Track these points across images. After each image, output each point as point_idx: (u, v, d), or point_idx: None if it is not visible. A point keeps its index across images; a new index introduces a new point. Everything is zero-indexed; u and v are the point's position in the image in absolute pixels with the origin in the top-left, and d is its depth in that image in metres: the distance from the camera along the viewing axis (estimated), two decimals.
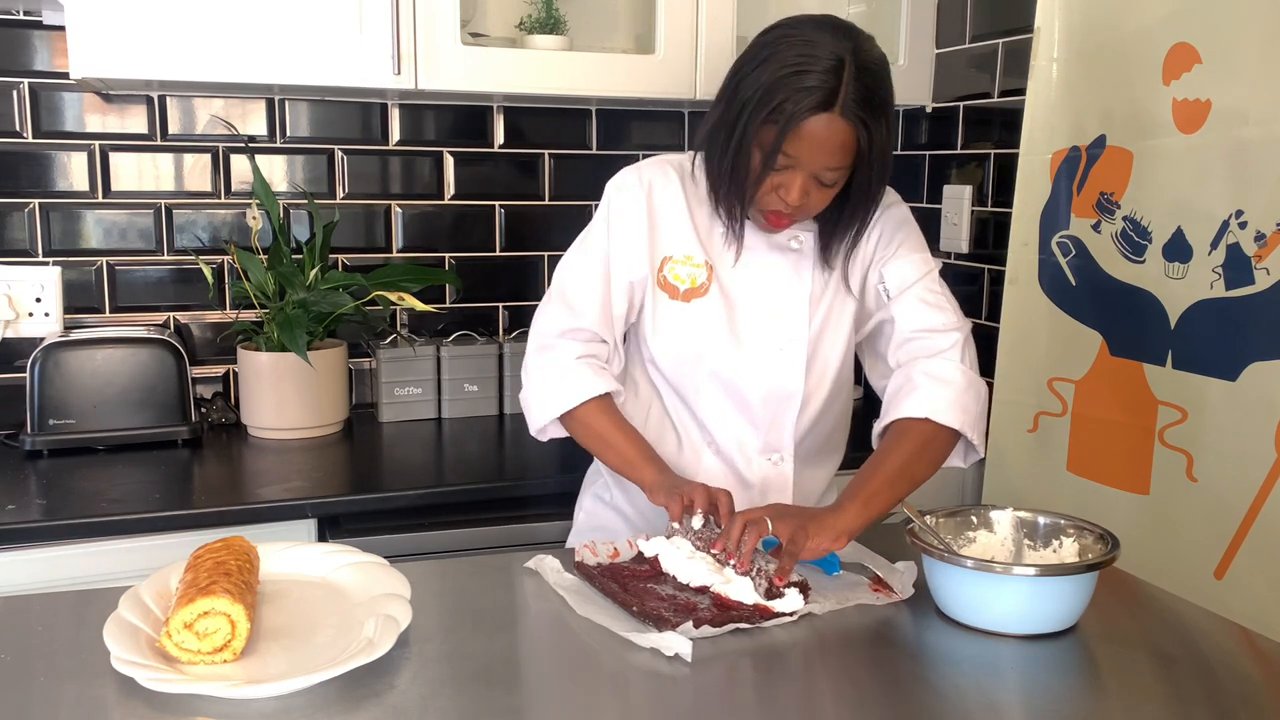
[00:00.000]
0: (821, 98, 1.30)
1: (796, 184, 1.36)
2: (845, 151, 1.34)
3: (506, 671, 1.09)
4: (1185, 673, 1.15)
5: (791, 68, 1.31)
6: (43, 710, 0.99)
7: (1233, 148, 1.58)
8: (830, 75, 1.30)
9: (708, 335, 1.49)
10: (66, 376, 1.96)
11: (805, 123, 1.30)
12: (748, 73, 1.36)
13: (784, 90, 1.31)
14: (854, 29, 1.38)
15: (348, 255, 2.31)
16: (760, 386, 1.51)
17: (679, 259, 1.50)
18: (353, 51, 1.93)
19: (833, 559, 1.31)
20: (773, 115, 1.31)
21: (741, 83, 1.36)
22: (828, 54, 1.31)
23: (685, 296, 1.49)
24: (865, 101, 1.31)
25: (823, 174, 1.35)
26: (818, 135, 1.31)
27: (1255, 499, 1.56)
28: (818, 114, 1.30)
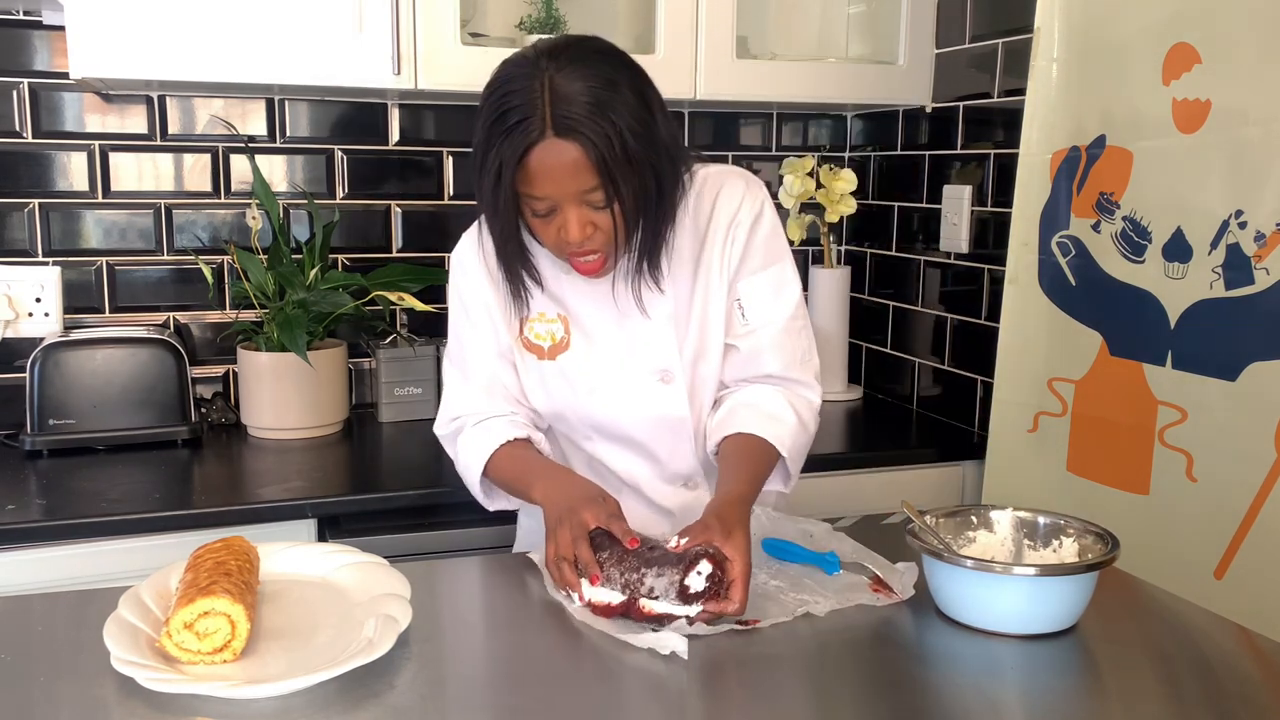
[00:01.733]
0: (525, 130, 1.22)
1: (571, 220, 1.27)
2: (584, 169, 1.24)
3: (506, 671, 1.10)
4: (1185, 673, 1.15)
5: (494, 116, 1.24)
6: (43, 710, 0.99)
7: (1233, 148, 1.58)
8: (528, 104, 1.22)
9: (581, 388, 1.45)
10: (66, 376, 1.96)
11: (526, 162, 1.23)
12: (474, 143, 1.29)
13: (495, 141, 1.24)
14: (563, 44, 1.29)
15: (348, 255, 2.31)
16: (645, 423, 1.46)
17: (534, 317, 1.45)
18: (353, 51, 1.93)
19: (833, 558, 1.31)
20: (501, 173, 1.25)
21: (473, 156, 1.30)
22: (523, 88, 1.23)
23: (550, 354, 1.45)
24: (572, 113, 1.21)
25: (586, 198, 1.27)
26: (544, 165, 1.23)
27: (1255, 499, 1.56)
28: (532, 148, 1.22)
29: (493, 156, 1.25)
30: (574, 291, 1.44)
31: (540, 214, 1.29)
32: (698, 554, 1.16)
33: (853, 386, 2.55)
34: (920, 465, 2.15)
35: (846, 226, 2.67)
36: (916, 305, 2.43)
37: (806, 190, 2.39)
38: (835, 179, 2.38)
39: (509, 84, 1.25)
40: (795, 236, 2.45)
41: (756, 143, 2.58)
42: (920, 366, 2.43)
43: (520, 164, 1.23)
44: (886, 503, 1.53)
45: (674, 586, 1.15)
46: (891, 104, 2.41)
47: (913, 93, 2.34)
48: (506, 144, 1.23)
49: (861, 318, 2.59)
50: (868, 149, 2.60)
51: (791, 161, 2.41)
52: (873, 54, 2.41)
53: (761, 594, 1.25)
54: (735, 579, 1.17)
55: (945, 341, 2.34)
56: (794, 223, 2.45)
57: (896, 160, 2.49)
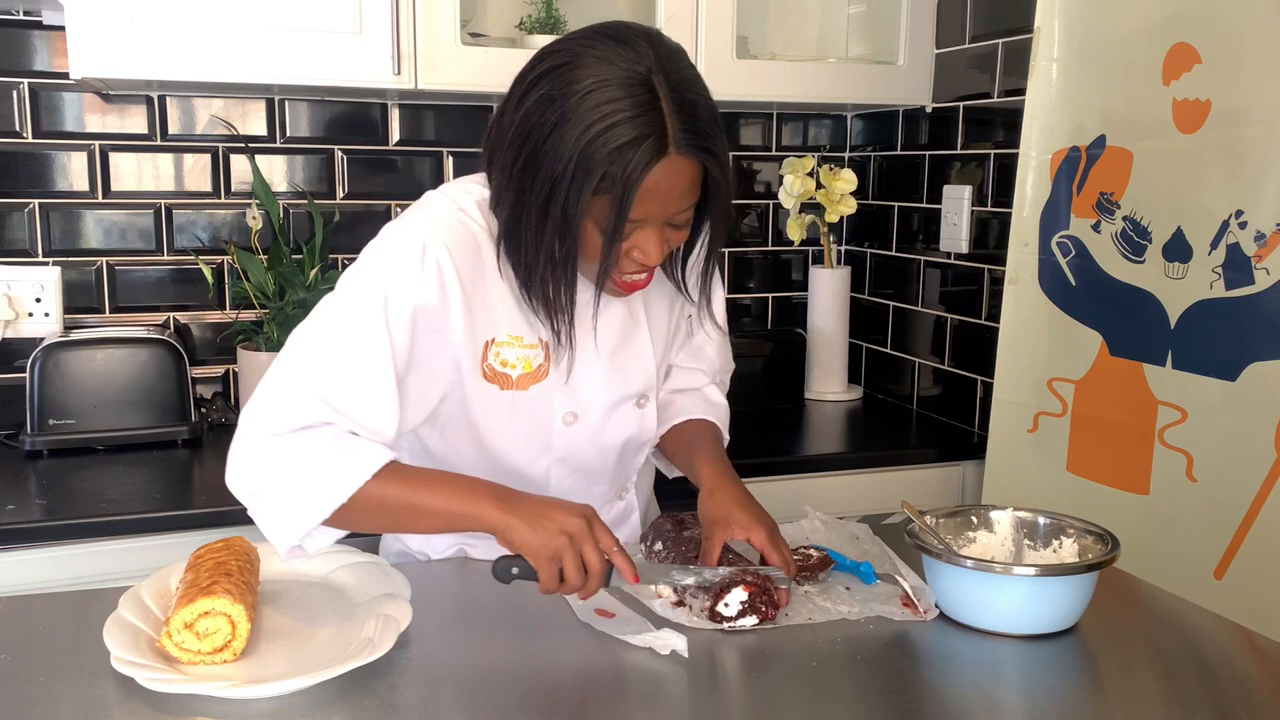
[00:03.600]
0: (652, 145, 1.08)
1: (653, 241, 1.15)
2: (694, 187, 1.14)
3: (506, 672, 1.09)
4: (1185, 673, 1.15)
5: (599, 125, 1.07)
6: (43, 710, 0.99)
7: (1233, 148, 1.58)
8: (647, 113, 1.08)
9: (558, 417, 1.29)
10: (66, 376, 1.96)
11: (645, 179, 1.08)
12: (540, 142, 1.10)
13: (600, 155, 1.07)
14: (643, 34, 1.14)
15: (348, 255, 2.31)
16: (615, 447, 1.37)
17: (505, 340, 1.24)
18: (353, 51, 1.93)
19: (868, 567, 1.31)
20: (601, 186, 1.08)
21: (536, 157, 1.10)
22: (632, 87, 1.08)
23: (521, 383, 1.25)
24: (695, 123, 1.11)
25: (675, 218, 1.16)
26: (662, 186, 1.10)
27: (1255, 499, 1.56)
28: (654, 165, 1.08)
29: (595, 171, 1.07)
30: None
31: (619, 238, 1.12)
32: (732, 581, 1.18)
33: (853, 386, 2.55)
34: (920, 465, 2.15)
35: (846, 226, 2.67)
36: (916, 305, 2.43)
37: (806, 190, 2.39)
38: (835, 179, 2.38)
39: (610, 87, 1.08)
40: (795, 237, 2.46)
41: (756, 143, 2.58)
42: (920, 366, 2.43)
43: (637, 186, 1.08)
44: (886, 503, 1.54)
45: (705, 611, 1.19)
46: (891, 104, 2.41)
47: (913, 93, 2.34)
48: (620, 163, 1.07)
49: (861, 318, 2.59)
50: (868, 149, 2.60)
51: (791, 161, 2.41)
52: (873, 54, 2.41)
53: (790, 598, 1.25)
54: (781, 548, 1.22)
55: (945, 341, 2.34)
56: (794, 223, 2.45)
57: (896, 160, 2.49)
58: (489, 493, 1.14)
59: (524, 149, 1.12)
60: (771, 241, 2.64)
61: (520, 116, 1.13)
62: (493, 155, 1.19)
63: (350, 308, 1.18)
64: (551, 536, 1.09)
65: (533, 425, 1.30)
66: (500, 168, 1.17)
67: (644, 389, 1.36)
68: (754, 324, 2.66)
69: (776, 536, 1.25)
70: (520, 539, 1.10)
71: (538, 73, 1.14)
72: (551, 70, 1.12)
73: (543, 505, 1.12)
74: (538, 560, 1.09)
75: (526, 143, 1.12)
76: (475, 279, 1.21)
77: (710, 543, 1.24)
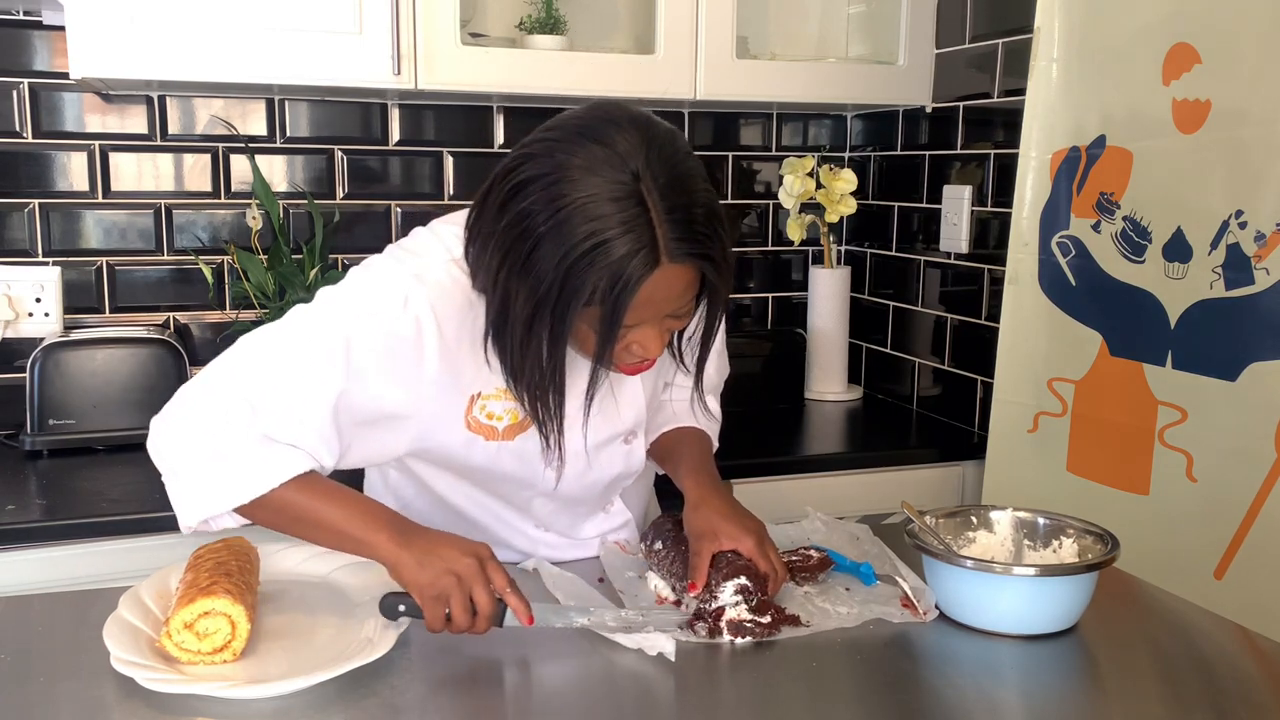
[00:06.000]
0: (643, 261, 1.03)
1: (652, 338, 1.12)
2: (692, 286, 1.10)
3: (505, 672, 1.09)
4: (1185, 673, 1.15)
5: (587, 243, 1.02)
6: (43, 710, 0.99)
7: (1233, 148, 1.58)
8: (637, 227, 1.02)
9: (536, 469, 1.27)
10: (66, 376, 1.96)
11: (638, 295, 1.04)
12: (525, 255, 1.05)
13: (590, 273, 1.02)
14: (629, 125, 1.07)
15: (348, 255, 2.31)
16: (602, 483, 1.36)
17: (491, 394, 1.21)
18: (353, 51, 1.93)
19: (868, 569, 1.31)
20: (592, 299, 1.04)
21: (522, 270, 1.06)
22: (618, 200, 1.02)
23: (507, 434, 1.23)
24: (691, 230, 1.05)
25: (676, 311, 1.12)
26: (657, 296, 1.06)
27: (1255, 499, 1.56)
28: (646, 279, 1.04)
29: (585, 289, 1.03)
30: None
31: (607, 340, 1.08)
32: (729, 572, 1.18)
33: (853, 386, 2.55)
34: (920, 465, 2.15)
35: (846, 226, 2.67)
36: (916, 305, 2.43)
37: (806, 190, 2.39)
38: (835, 179, 2.38)
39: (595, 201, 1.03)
40: (795, 237, 2.46)
41: (756, 143, 2.58)
42: (920, 366, 2.43)
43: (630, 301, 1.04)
44: (886, 503, 1.54)
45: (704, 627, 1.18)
46: (891, 104, 2.41)
47: (913, 93, 2.34)
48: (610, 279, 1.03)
49: (861, 318, 2.59)
50: (868, 149, 2.60)
51: (791, 161, 2.41)
52: (873, 54, 2.41)
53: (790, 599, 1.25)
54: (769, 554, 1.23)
55: (945, 341, 2.34)
56: (794, 223, 2.45)
57: (896, 160, 2.49)
58: (387, 524, 1.12)
59: (508, 259, 1.07)
60: (771, 241, 2.64)
61: (503, 227, 1.08)
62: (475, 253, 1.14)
63: (313, 331, 1.16)
64: (438, 575, 1.08)
65: (519, 471, 1.27)
66: (485, 270, 1.11)
67: (633, 427, 1.34)
68: (754, 324, 2.66)
69: (765, 543, 1.24)
70: (409, 576, 1.09)
71: (517, 181, 1.07)
72: (534, 180, 1.06)
73: (435, 542, 1.11)
74: (423, 599, 1.08)
75: (510, 255, 1.07)
76: (460, 336, 1.17)
77: (698, 558, 1.23)
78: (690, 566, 1.24)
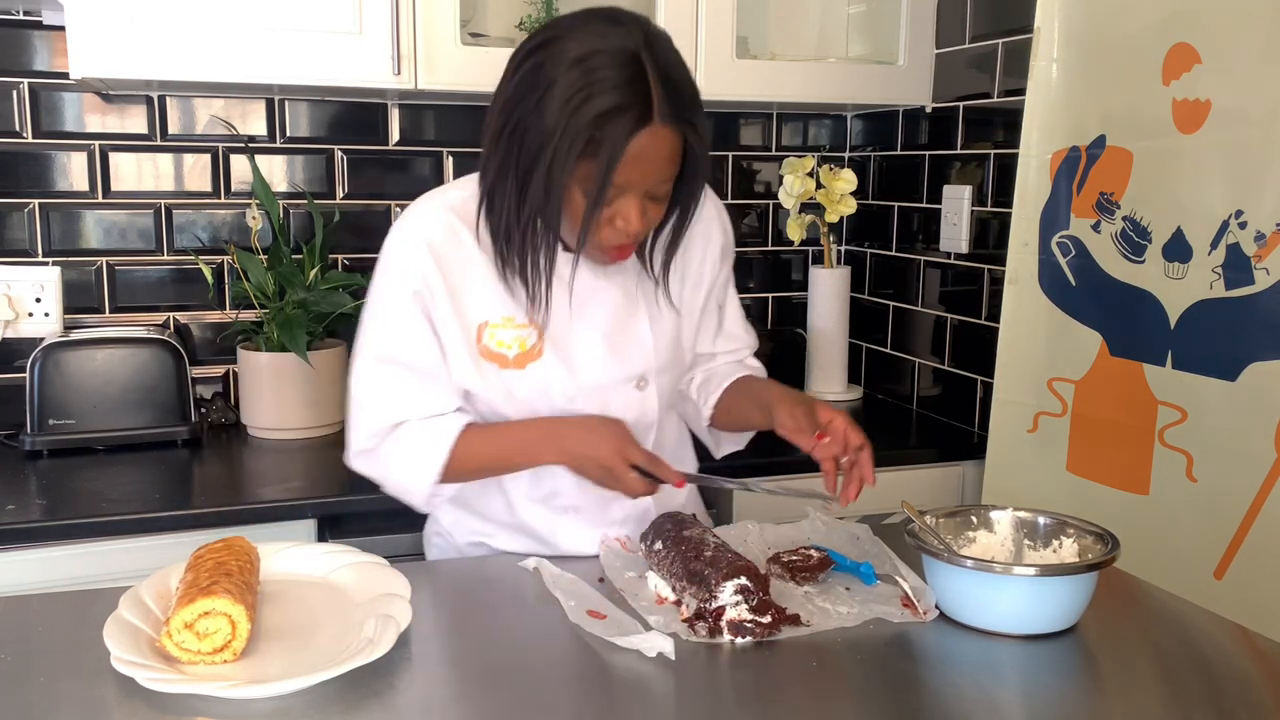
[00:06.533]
0: (636, 114, 1.15)
1: (634, 209, 1.21)
2: (674, 160, 1.22)
3: (505, 672, 1.09)
4: (1185, 673, 1.15)
5: (581, 92, 1.14)
6: (43, 710, 0.99)
7: (1233, 148, 1.58)
8: (633, 85, 1.15)
9: (558, 396, 1.35)
10: (66, 376, 1.96)
11: (629, 146, 1.15)
12: (529, 109, 1.18)
13: (587, 121, 1.14)
14: (633, 18, 1.22)
15: (348, 255, 2.31)
16: None
17: (498, 322, 1.32)
18: (353, 51, 1.93)
19: (868, 568, 1.31)
20: (587, 151, 1.15)
21: (523, 123, 1.18)
22: (619, 59, 1.15)
23: (518, 362, 1.33)
24: (678, 97, 1.18)
25: (655, 189, 1.23)
26: (645, 154, 1.17)
27: (1255, 499, 1.56)
28: (639, 132, 1.15)
29: (582, 135, 1.14)
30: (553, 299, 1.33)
31: (601, 203, 1.19)
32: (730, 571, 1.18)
33: (853, 386, 2.55)
34: (920, 465, 2.15)
35: (846, 226, 2.67)
36: (916, 305, 2.43)
37: (806, 190, 2.39)
38: (835, 179, 2.38)
39: (596, 56, 1.15)
40: (795, 237, 2.46)
41: (756, 143, 2.58)
42: (920, 366, 2.43)
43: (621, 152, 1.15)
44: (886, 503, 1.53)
45: (704, 626, 1.17)
46: (891, 104, 2.41)
47: (913, 93, 2.34)
48: (606, 128, 1.14)
49: (861, 318, 2.59)
50: (868, 149, 2.60)
51: (791, 161, 2.41)
52: (873, 54, 2.41)
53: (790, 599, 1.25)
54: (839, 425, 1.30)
55: (945, 341, 2.34)
56: (794, 223, 2.45)
57: (896, 160, 2.49)
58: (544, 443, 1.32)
59: (513, 115, 1.20)
60: (771, 241, 2.64)
61: (511, 86, 1.21)
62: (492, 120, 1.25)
63: (375, 318, 1.35)
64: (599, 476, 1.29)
65: (537, 404, 1.35)
66: (489, 136, 1.25)
67: (642, 371, 1.39)
68: (754, 324, 2.64)
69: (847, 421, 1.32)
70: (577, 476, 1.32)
71: (530, 46, 1.21)
72: (543, 43, 1.20)
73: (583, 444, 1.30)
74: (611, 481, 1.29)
75: (515, 109, 1.20)
76: (461, 267, 1.31)
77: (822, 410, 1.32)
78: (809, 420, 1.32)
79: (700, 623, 1.16)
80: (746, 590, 1.16)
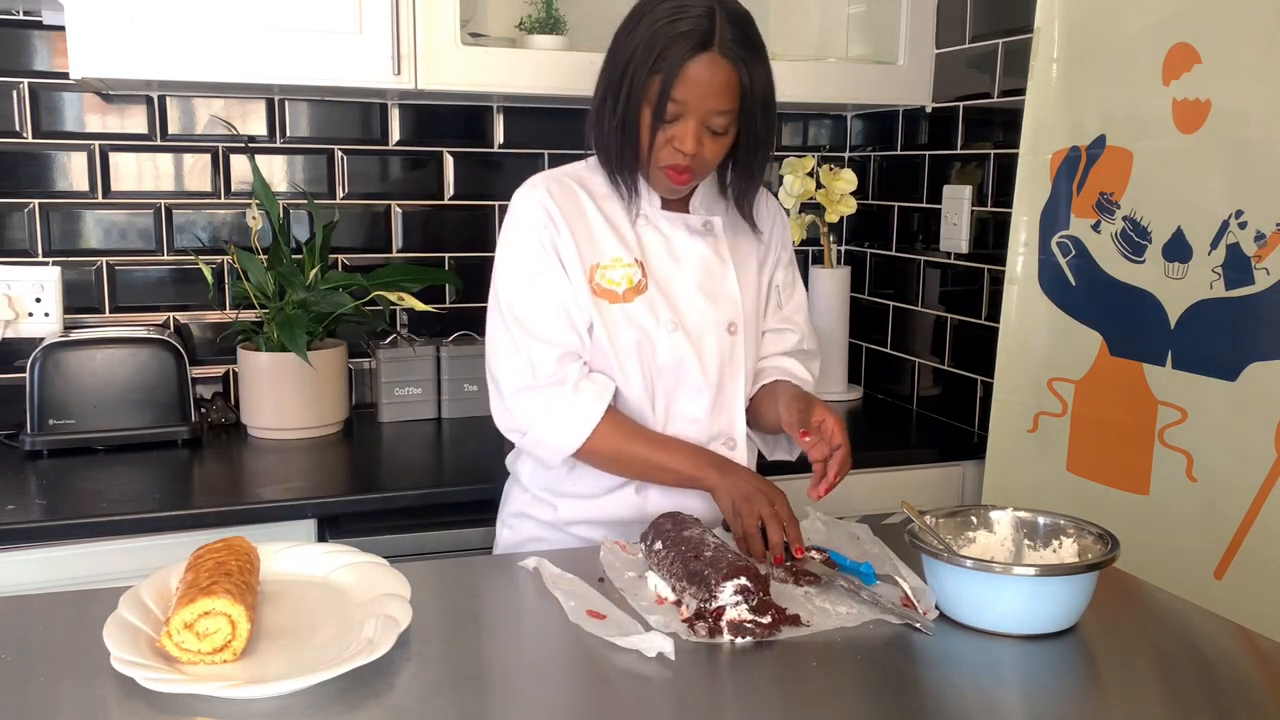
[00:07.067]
0: (699, 39, 1.37)
1: (690, 132, 1.40)
2: (730, 93, 1.40)
3: (505, 672, 1.10)
4: (1185, 673, 1.15)
5: (665, 20, 1.38)
6: (43, 710, 0.99)
7: (1233, 148, 1.58)
8: (703, 19, 1.37)
9: (659, 327, 1.50)
10: (66, 376, 1.96)
11: (688, 65, 1.37)
12: (623, 36, 1.43)
13: (662, 40, 1.38)
14: None
15: (348, 255, 2.31)
16: (713, 372, 1.53)
17: (608, 263, 1.50)
18: (353, 51, 1.93)
19: (868, 568, 1.31)
20: (655, 65, 1.38)
21: (620, 48, 1.43)
22: (697, 4, 1.38)
23: (627, 297, 1.50)
24: (741, 42, 1.39)
25: (712, 120, 1.41)
26: (702, 76, 1.38)
27: (1255, 499, 1.56)
28: (698, 55, 1.37)
29: (655, 51, 1.37)
30: (648, 241, 1.53)
31: (666, 117, 1.40)
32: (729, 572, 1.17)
33: (853, 386, 2.55)
34: (920, 465, 2.15)
35: (846, 226, 2.67)
36: (916, 305, 2.43)
37: (806, 190, 2.39)
38: (835, 179, 2.38)
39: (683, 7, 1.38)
40: (795, 236, 2.44)
41: None
42: (920, 366, 2.43)
43: (680, 68, 1.37)
44: (886, 503, 1.54)
45: (703, 625, 1.17)
46: (891, 104, 2.41)
47: (913, 93, 2.34)
48: (673, 46, 1.37)
49: (861, 318, 2.59)
50: (868, 149, 2.60)
51: (791, 161, 2.41)
52: (873, 54, 2.41)
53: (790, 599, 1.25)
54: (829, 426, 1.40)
55: (945, 341, 2.34)
56: (794, 223, 2.44)
57: (896, 160, 2.49)
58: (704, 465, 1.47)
59: (613, 47, 1.45)
60: None
61: (621, 27, 1.46)
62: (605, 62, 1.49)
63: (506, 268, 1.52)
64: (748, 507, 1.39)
65: (641, 330, 1.50)
66: (601, 68, 1.48)
67: (732, 317, 1.55)
68: None
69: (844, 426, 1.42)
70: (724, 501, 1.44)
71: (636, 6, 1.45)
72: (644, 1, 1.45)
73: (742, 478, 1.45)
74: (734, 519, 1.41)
75: (616, 42, 1.45)
76: (576, 215, 1.51)
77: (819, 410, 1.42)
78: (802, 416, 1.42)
79: (700, 623, 1.16)
80: (747, 590, 1.16)
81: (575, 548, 1.49)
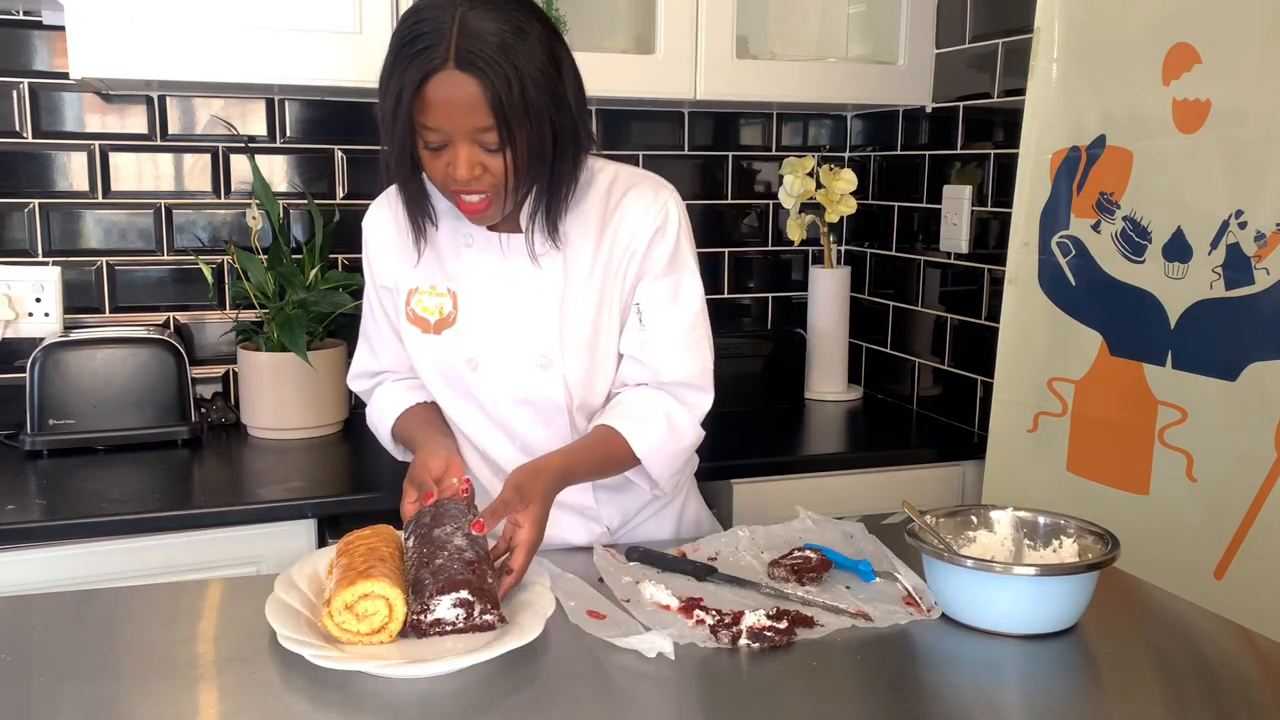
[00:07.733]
0: (429, 58, 1.25)
1: (460, 157, 1.29)
2: (479, 107, 1.26)
3: (506, 672, 1.09)
4: (1185, 673, 1.15)
5: (403, 42, 1.27)
6: (43, 710, 0.99)
7: (1233, 148, 1.58)
8: (436, 35, 1.25)
9: (463, 364, 1.45)
10: (66, 376, 1.96)
11: (425, 89, 1.25)
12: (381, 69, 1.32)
13: (401, 65, 1.26)
14: None
15: (348, 255, 2.31)
16: (522, 406, 1.45)
17: (424, 290, 1.47)
18: (353, 51, 1.93)
19: (867, 566, 1.31)
20: (400, 94, 1.27)
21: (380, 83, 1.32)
22: (434, 18, 1.26)
23: (436, 329, 1.46)
24: (480, 47, 1.24)
25: (479, 138, 1.28)
26: (440, 96, 1.26)
27: (1255, 499, 1.56)
28: (432, 76, 1.25)
29: (394, 80, 1.27)
30: (468, 268, 1.44)
31: (432, 146, 1.30)
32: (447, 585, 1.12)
33: (853, 386, 2.55)
34: (920, 465, 2.15)
35: (846, 226, 2.67)
36: (916, 305, 2.43)
37: (806, 190, 2.39)
38: (835, 179, 2.38)
39: (421, 13, 1.27)
40: (795, 237, 2.46)
41: (756, 143, 2.58)
42: (920, 366, 2.43)
43: (419, 91, 1.26)
44: (886, 503, 1.54)
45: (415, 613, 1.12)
46: (891, 104, 2.41)
47: (913, 93, 2.34)
48: (409, 69, 1.25)
49: (861, 318, 2.59)
50: (868, 149, 2.60)
51: (791, 161, 2.41)
52: (873, 54, 2.41)
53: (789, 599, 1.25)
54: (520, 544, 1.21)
55: (945, 341, 2.34)
56: (794, 223, 2.45)
57: (896, 160, 2.49)
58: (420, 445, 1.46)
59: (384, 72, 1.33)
60: (771, 241, 2.64)
61: None
62: None
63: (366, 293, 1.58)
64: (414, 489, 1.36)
65: (452, 367, 1.46)
66: None
67: (544, 352, 1.42)
68: (754, 324, 2.66)
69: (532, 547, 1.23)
70: None
71: None
72: None
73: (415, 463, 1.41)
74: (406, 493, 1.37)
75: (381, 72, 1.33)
76: (390, 241, 1.49)
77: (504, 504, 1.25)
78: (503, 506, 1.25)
79: (723, 631, 1.16)
80: (467, 604, 1.12)
81: (575, 547, 1.48)
